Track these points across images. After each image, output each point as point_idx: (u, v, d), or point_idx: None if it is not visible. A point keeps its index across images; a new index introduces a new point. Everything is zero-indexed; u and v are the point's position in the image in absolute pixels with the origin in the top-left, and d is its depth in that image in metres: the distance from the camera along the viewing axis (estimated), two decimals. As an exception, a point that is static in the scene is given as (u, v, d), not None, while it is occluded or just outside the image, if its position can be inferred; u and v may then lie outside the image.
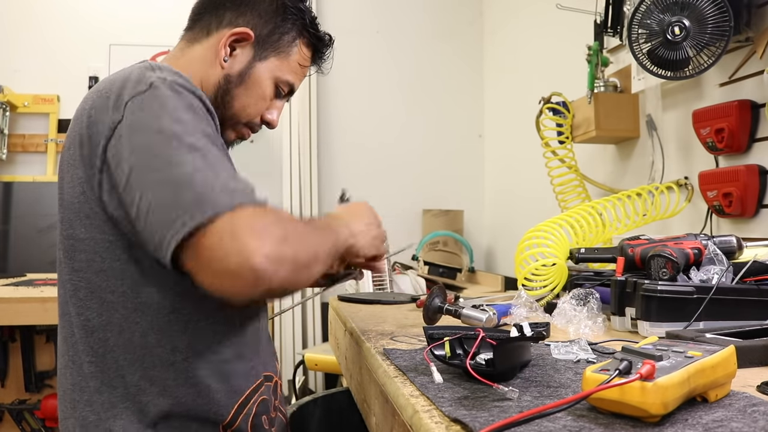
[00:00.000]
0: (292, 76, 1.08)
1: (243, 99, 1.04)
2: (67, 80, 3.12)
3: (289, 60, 1.06)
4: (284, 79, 1.07)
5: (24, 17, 3.14)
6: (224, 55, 1.02)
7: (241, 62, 1.03)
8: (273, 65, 1.05)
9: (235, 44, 1.03)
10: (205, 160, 0.77)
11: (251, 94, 1.04)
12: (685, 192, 1.62)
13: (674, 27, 1.36)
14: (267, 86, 1.05)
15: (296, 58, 1.07)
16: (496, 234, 3.22)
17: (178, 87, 0.83)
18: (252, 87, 1.04)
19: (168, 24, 3.40)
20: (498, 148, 3.25)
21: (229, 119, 1.05)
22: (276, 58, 1.05)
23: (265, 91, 1.05)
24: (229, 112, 1.04)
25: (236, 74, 1.03)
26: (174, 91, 0.82)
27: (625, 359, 0.58)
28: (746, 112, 1.39)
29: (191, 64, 1.04)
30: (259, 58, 1.04)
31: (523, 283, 1.35)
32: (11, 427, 2.38)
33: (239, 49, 1.03)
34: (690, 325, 0.96)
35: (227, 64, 1.03)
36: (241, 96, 1.04)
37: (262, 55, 1.04)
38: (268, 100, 1.07)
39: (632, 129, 1.86)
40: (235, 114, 1.05)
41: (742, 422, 0.57)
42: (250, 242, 0.70)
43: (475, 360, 0.73)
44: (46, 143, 3.08)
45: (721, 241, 1.09)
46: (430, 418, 0.62)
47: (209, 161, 0.77)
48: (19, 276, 2.65)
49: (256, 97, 1.05)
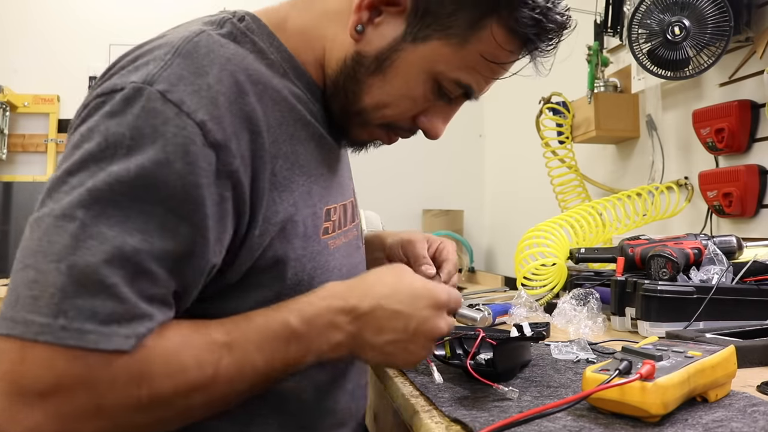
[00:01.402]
0: (467, 74, 0.70)
1: (378, 94, 0.71)
2: (67, 80, 3.12)
3: (465, 49, 0.67)
4: (451, 76, 0.69)
5: (24, 17, 3.14)
6: (358, 20, 0.68)
7: (384, 38, 0.68)
8: (433, 52, 0.68)
9: (381, 7, 0.68)
10: (72, 239, 0.51)
11: (390, 89, 0.70)
12: (685, 192, 1.62)
13: (674, 27, 1.36)
14: (418, 82, 0.70)
15: (480, 48, 0.68)
16: (496, 234, 3.22)
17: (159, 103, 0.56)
18: (393, 80, 0.69)
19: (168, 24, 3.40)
20: (498, 148, 3.25)
21: (355, 115, 0.73)
22: (441, 43, 0.67)
23: (413, 88, 0.70)
24: (354, 106, 0.72)
25: (372, 55, 0.69)
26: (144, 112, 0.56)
27: (625, 359, 0.59)
28: (746, 112, 1.39)
29: (319, 22, 0.72)
30: (411, 38, 0.68)
31: (522, 282, 1.35)
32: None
33: (386, 16, 0.68)
34: (690, 325, 0.96)
35: (363, 35, 0.69)
36: (375, 89, 0.70)
37: (417, 33, 0.67)
38: (420, 101, 0.72)
39: (632, 129, 1.86)
40: (365, 111, 0.72)
41: (742, 422, 0.57)
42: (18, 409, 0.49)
43: (475, 360, 0.73)
44: (46, 143, 3.08)
45: (721, 241, 1.09)
46: (430, 418, 0.62)
47: (78, 244, 0.51)
48: (19, 276, 2.65)
49: (399, 94, 0.71)
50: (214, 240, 0.59)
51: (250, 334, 0.59)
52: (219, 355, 0.57)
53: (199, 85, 0.59)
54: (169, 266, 0.55)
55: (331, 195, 0.75)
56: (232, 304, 0.64)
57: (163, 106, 0.56)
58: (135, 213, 0.54)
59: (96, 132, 0.56)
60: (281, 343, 0.60)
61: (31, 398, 0.49)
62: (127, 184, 0.54)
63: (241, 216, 0.61)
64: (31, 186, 2.99)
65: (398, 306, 0.62)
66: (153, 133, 0.55)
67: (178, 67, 0.59)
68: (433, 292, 0.64)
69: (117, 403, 0.52)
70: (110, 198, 0.53)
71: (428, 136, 0.77)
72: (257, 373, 0.59)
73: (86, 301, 0.50)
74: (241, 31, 0.70)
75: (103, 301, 0.51)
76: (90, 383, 0.50)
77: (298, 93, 0.72)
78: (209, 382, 0.56)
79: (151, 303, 0.54)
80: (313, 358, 0.62)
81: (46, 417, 0.50)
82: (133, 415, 0.53)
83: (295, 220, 0.66)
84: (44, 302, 0.50)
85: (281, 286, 0.66)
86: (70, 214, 0.52)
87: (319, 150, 0.74)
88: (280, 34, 0.73)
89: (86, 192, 0.53)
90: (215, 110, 0.58)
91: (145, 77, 0.58)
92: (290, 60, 0.73)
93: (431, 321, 0.63)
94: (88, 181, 0.54)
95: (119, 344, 0.51)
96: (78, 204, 0.53)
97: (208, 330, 0.58)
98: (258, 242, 0.63)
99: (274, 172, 0.65)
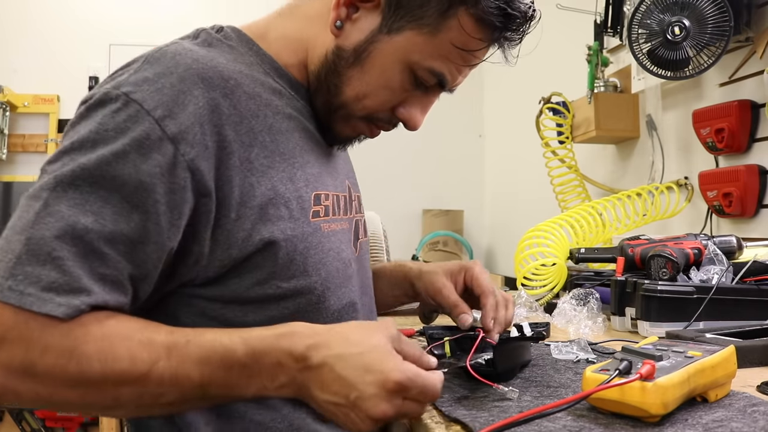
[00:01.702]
0: (440, 62, 0.73)
1: (357, 85, 0.74)
2: (67, 80, 3.12)
3: (437, 38, 0.71)
4: (425, 64, 0.73)
5: (24, 17, 3.14)
6: (337, 17, 0.73)
7: (361, 31, 0.73)
8: (407, 42, 0.72)
9: (358, 3, 0.73)
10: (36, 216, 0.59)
11: (369, 79, 0.74)
12: (685, 192, 1.62)
13: (674, 27, 1.36)
14: (394, 71, 0.73)
15: (451, 36, 0.71)
16: (496, 234, 3.22)
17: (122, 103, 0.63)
18: (371, 70, 0.73)
19: (168, 24, 3.40)
20: (498, 148, 3.25)
21: (337, 108, 0.77)
22: (414, 33, 0.71)
23: (390, 77, 0.74)
24: (336, 99, 0.76)
25: (351, 48, 0.73)
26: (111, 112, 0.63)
27: (625, 359, 0.59)
28: (746, 112, 1.39)
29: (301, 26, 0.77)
30: (387, 30, 0.72)
31: (522, 282, 1.35)
32: (11, 427, 2.38)
33: (363, 11, 0.73)
34: (690, 325, 0.96)
35: (342, 31, 0.73)
36: (354, 81, 0.74)
37: (392, 25, 0.72)
38: (397, 91, 0.75)
39: (632, 129, 1.86)
40: (346, 103, 0.76)
41: (742, 422, 0.57)
42: None
43: (475, 360, 0.73)
44: (46, 143, 3.08)
45: (721, 241, 1.09)
46: (430, 418, 0.62)
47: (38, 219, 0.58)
48: (19, 276, 2.65)
49: (377, 85, 0.74)
50: (168, 226, 0.63)
51: (193, 347, 0.60)
52: (156, 356, 0.59)
53: (162, 83, 0.65)
54: (121, 249, 0.61)
55: (320, 182, 0.77)
56: (231, 286, 0.69)
57: (126, 105, 0.63)
58: (93, 198, 0.60)
59: (72, 131, 0.64)
60: (221, 367, 0.60)
61: None
62: (88, 171, 0.60)
63: (205, 199, 0.65)
64: (31, 186, 2.99)
65: (344, 372, 0.59)
66: (115, 129, 0.62)
67: (144, 71, 0.66)
68: (386, 372, 0.58)
69: (47, 369, 0.57)
70: (72, 182, 0.60)
71: (408, 127, 0.79)
72: (193, 385, 0.60)
73: (34, 269, 0.57)
74: (216, 39, 0.76)
75: (48, 271, 0.57)
76: (26, 342, 0.56)
77: (279, 89, 0.77)
78: (140, 379, 0.59)
79: (101, 282, 0.59)
80: (255, 391, 0.61)
81: None
82: (63, 388, 0.58)
83: (275, 203, 0.70)
84: (2, 266, 0.58)
85: (274, 266, 0.69)
86: (37, 195, 0.60)
87: (305, 141, 0.77)
88: (261, 41, 0.78)
89: (53, 178, 0.60)
90: (175, 106, 0.64)
91: (116, 84, 0.65)
92: (271, 62, 0.78)
93: (372, 401, 0.57)
94: (58, 170, 0.61)
95: (51, 309, 0.56)
96: (45, 187, 0.60)
97: (155, 330, 0.61)
98: (237, 225, 0.67)
99: (249, 159, 0.69)
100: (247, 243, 0.67)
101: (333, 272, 0.76)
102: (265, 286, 0.69)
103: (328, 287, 0.74)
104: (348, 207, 0.86)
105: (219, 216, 0.66)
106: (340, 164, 0.88)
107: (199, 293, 0.69)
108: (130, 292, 0.63)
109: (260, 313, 0.70)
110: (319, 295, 0.73)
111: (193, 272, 0.68)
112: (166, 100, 0.63)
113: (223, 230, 0.67)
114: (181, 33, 1.09)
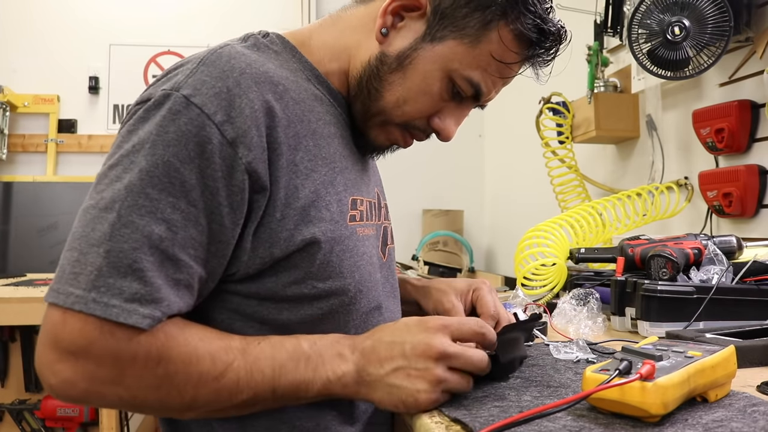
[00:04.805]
0: (478, 73, 0.76)
1: (398, 90, 0.76)
2: (67, 80, 3.12)
3: (477, 48, 0.74)
4: (464, 73, 0.76)
5: (24, 17, 3.14)
6: (383, 24, 0.76)
7: (405, 39, 0.76)
8: (448, 51, 0.75)
9: (403, 12, 0.76)
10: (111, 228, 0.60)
11: (410, 85, 0.76)
12: (685, 192, 1.62)
13: (674, 27, 1.36)
14: (434, 78, 0.76)
15: (490, 48, 0.75)
16: (496, 234, 3.22)
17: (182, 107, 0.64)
18: (412, 76, 0.76)
19: (168, 24, 3.41)
20: (498, 148, 3.25)
21: (375, 114, 0.79)
22: (456, 42, 0.74)
23: (430, 84, 0.76)
24: (376, 104, 0.78)
25: (394, 55, 0.76)
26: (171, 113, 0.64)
27: (625, 359, 0.59)
28: (746, 112, 1.39)
29: (343, 33, 0.80)
30: (430, 38, 0.75)
31: (522, 282, 1.35)
32: (11, 427, 2.38)
33: (407, 20, 0.76)
34: (690, 325, 0.96)
35: (386, 38, 0.76)
36: (396, 86, 0.76)
37: (435, 33, 0.75)
38: (436, 99, 0.78)
39: (632, 129, 1.86)
40: (385, 109, 0.78)
41: (742, 422, 0.57)
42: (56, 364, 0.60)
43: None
44: (46, 143, 3.08)
45: (721, 241, 1.09)
46: (430, 418, 0.62)
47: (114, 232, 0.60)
48: (19, 276, 2.65)
49: (417, 90, 0.76)
50: (231, 226, 0.66)
51: (265, 345, 0.67)
52: (233, 357, 0.64)
53: (219, 88, 0.66)
54: (192, 253, 0.64)
55: (356, 188, 0.80)
56: (268, 284, 0.71)
57: (186, 108, 0.64)
58: (162, 205, 0.62)
59: (132, 133, 0.65)
60: (291, 360, 0.66)
61: (66, 356, 0.60)
62: (156, 178, 0.62)
63: (258, 196, 0.68)
64: (31, 186, 2.99)
65: (391, 337, 0.66)
66: (177, 132, 0.64)
67: (201, 74, 0.67)
68: (429, 339, 0.64)
69: (135, 376, 0.61)
70: (142, 191, 0.62)
71: (441, 137, 0.82)
72: (265, 383, 0.65)
73: (116, 281, 0.59)
74: (263, 44, 0.78)
75: (130, 282, 0.60)
76: (114, 353, 0.60)
77: (320, 96, 0.80)
78: (218, 378, 0.63)
79: (176, 288, 0.63)
80: (320, 386, 0.66)
81: (76, 374, 0.60)
82: (148, 392, 0.62)
83: (317, 206, 0.72)
84: (83, 279, 0.60)
85: (311, 266, 0.71)
86: (110, 206, 0.62)
87: (343, 147, 0.80)
88: (303, 49, 0.81)
89: (123, 187, 0.62)
90: (232, 110, 0.66)
91: (173, 85, 0.66)
92: (312, 69, 0.80)
93: (424, 339, 0.64)
94: (124, 175, 0.63)
95: (136, 321, 0.59)
96: (116, 198, 0.62)
97: (229, 335, 0.67)
98: (281, 225, 0.69)
99: (295, 162, 0.71)
100: (290, 243, 0.69)
101: (366, 275, 0.78)
102: (302, 286, 0.71)
103: (360, 290, 0.76)
104: (378, 213, 0.88)
105: (265, 215, 0.69)
106: (371, 172, 0.91)
107: (235, 289, 0.71)
108: (196, 294, 0.67)
109: (294, 311, 0.72)
110: (351, 297, 0.75)
111: (233, 268, 0.69)
112: (224, 105, 0.65)
113: (266, 228, 0.69)
114: (181, 33, 1.08)
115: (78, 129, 3.15)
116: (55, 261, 0.95)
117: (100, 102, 3.16)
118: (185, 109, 0.64)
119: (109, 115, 3.17)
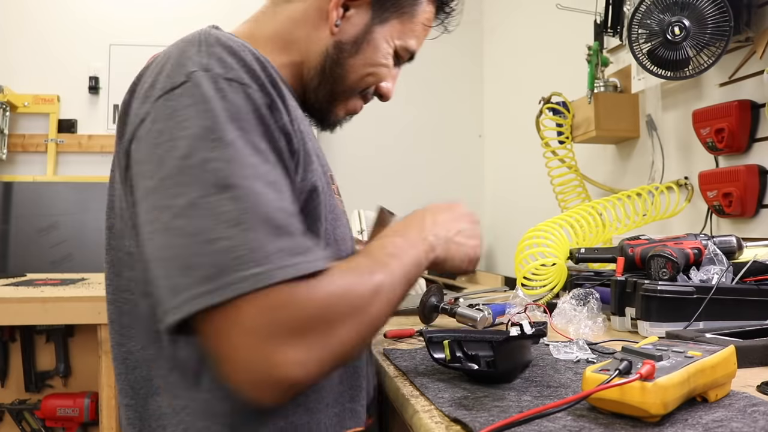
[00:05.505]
0: (415, 41, 0.90)
1: (360, 69, 0.87)
2: (67, 80, 3.12)
3: (413, 21, 0.88)
4: (406, 45, 0.89)
5: (24, 17, 3.14)
6: (337, 17, 0.84)
7: (357, 26, 0.85)
8: (395, 29, 0.87)
9: (348, 3, 0.84)
10: (238, 203, 0.58)
11: (369, 62, 0.87)
12: (685, 192, 1.62)
13: (674, 27, 1.36)
14: (387, 53, 0.88)
15: (422, 18, 0.89)
16: (496, 234, 3.22)
17: (225, 83, 0.64)
18: (371, 54, 0.86)
19: (168, 24, 3.41)
20: (498, 148, 3.25)
21: (341, 93, 0.88)
22: (398, 21, 0.87)
23: (386, 57, 0.88)
24: (340, 86, 0.87)
25: (350, 41, 0.85)
26: (217, 91, 0.64)
27: (625, 359, 0.59)
28: (746, 112, 1.39)
29: (288, 28, 0.86)
30: (378, 21, 0.86)
31: (522, 282, 1.35)
32: (11, 427, 2.38)
33: (354, 9, 0.85)
34: (690, 325, 0.96)
35: (339, 28, 0.84)
36: (357, 66, 0.86)
37: (382, 16, 0.86)
38: (391, 68, 0.90)
39: (632, 129, 1.86)
40: (350, 86, 0.88)
41: (742, 422, 0.57)
42: (277, 350, 0.55)
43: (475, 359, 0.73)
44: (46, 143, 3.08)
45: (721, 241, 1.10)
46: (430, 418, 0.62)
47: (245, 205, 0.58)
48: (19, 276, 2.65)
49: (376, 64, 0.87)
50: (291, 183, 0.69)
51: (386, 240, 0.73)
52: (384, 263, 0.68)
53: (242, 62, 0.68)
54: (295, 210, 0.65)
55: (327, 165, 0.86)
56: None
57: (229, 84, 0.65)
58: (262, 170, 0.62)
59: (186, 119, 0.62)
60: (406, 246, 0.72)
61: (284, 337, 0.56)
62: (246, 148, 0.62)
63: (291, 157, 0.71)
64: (31, 186, 2.99)
65: (440, 208, 0.83)
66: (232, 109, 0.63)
67: (215, 54, 0.67)
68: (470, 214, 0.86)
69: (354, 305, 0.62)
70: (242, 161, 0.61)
71: (384, 99, 0.93)
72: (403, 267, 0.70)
73: (276, 243, 0.58)
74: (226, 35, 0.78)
75: (287, 240, 0.59)
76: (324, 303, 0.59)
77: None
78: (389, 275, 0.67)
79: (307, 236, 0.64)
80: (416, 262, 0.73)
81: (302, 348, 0.56)
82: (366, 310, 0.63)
83: (316, 185, 0.74)
84: (248, 258, 0.56)
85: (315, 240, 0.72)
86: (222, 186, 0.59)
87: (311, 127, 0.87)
88: (251, 43, 0.80)
89: (224, 165, 0.60)
90: (258, 80, 0.68)
91: (201, 65, 0.65)
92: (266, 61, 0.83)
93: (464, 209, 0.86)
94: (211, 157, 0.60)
95: (320, 265, 0.60)
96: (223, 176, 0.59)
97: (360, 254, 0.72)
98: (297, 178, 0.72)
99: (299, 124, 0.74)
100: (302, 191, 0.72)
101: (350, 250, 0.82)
102: None
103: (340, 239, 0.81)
104: None
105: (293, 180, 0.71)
106: None
107: None
108: None
109: None
110: None
111: None
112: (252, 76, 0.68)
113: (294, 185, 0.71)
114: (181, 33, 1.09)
115: (78, 129, 3.15)
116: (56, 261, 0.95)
117: (100, 102, 3.16)
118: (229, 86, 0.64)
119: (110, 115, 3.17)
